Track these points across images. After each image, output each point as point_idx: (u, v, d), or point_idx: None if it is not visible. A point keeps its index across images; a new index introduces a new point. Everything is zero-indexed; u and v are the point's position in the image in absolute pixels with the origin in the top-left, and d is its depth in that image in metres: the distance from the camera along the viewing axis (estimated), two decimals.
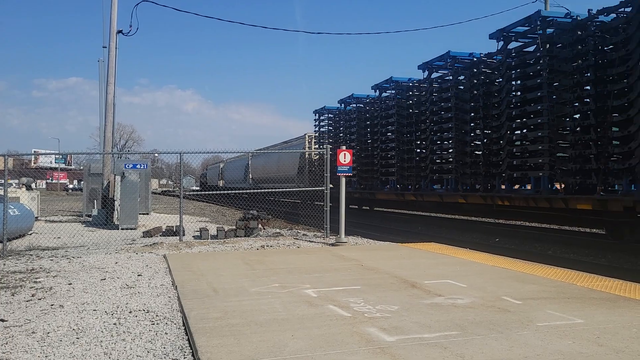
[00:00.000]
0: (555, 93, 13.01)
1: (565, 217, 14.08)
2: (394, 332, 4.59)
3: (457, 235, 16.11)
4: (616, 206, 11.38)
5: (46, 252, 10.63)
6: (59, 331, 4.93)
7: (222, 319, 5.09)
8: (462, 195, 16.66)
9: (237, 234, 13.18)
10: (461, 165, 16.59)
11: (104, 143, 18.83)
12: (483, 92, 15.58)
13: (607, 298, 5.85)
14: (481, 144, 15.85)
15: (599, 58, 12.03)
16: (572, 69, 12.46)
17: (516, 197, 14.35)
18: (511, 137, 14.22)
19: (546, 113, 12.95)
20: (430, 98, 18.10)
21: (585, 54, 12.22)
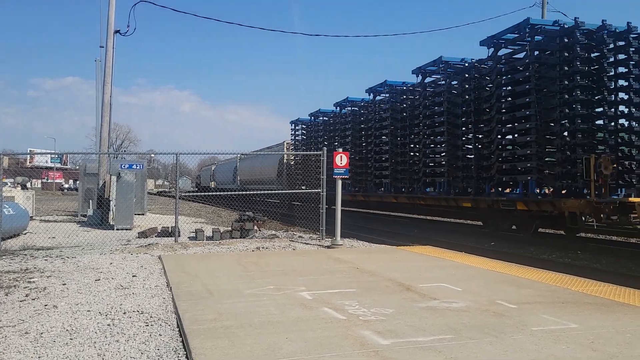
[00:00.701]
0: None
1: (455, 212, 18.60)
2: (389, 336, 4.58)
3: (453, 238, 16.11)
4: (483, 204, 15.84)
5: (40, 252, 10.59)
6: (52, 332, 4.91)
7: (217, 321, 5.08)
8: (394, 196, 20.65)
9: (233, 235, 13.15)
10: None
11: (100, 143, 18.78)
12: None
13: (602, 303, 5.86)
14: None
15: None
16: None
17: (427, 197, 18.83)
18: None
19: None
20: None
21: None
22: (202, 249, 10.88)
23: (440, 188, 18.04)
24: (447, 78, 17.60)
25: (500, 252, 12.85)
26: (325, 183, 12.70)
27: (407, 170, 19.74)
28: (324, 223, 12.58)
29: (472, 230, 17.97)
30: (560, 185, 12.89)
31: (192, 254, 10.16)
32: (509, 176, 14.68)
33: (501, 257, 10.43)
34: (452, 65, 17.47)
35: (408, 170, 19.68)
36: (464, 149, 16.79)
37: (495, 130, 14.63)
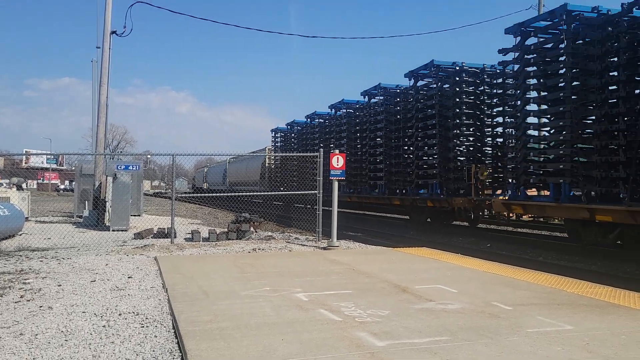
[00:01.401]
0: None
1: (389, 208, 23.09)
2: (385, 337, 4.59)
3: (449, 240, 16.14)
4: (407, 202, 19.95)
5: (36, 253, 10.55)
6: (47, 333, 4.89)
7: (213, 322, 5.07)
8: (348, 195, 24.13)
9: (229, 236, 13.14)
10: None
11: (96, 144, 18.75)
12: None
13: (597, 305, 5.88)
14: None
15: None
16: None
17: (370, 197, 22.71)
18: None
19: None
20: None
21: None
22: (198, 250, 10.86)
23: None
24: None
25: (496, 253, 12.88)
26: (321, 184, 12.70)
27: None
28: (320, 224, 12.59)
29: (468, 232, 18.00)
30: (454, 187, 16.39)
31: (188, 255, 10.15)
32: (423, 180, 18.81)
33: (497, 259, 10.46)
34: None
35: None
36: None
37: (414, 145, 18.36)
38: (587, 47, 12.21)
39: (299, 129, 31.55)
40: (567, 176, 12.46)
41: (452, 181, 17.37)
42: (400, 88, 20.78)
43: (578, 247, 13.16)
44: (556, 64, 13.27)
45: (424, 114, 18.72)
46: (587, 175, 11.96)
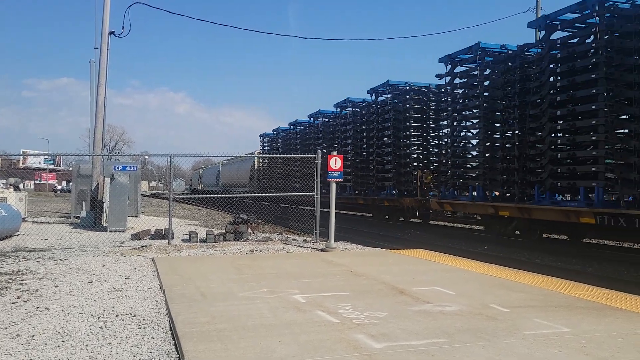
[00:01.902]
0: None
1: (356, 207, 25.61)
2: (382, 339, 4.59)
3: (446, 242, 16.15)
4: (370, 201, 23.05)
5: (33, 254, 10.53)
6: (44, 334, 4.88)
7: (210, 324, 5.06)
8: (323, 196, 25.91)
9: (227, 237, 13.13)
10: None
11: (93, 144, 18.72)
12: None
13: (594, 307, 5.89)
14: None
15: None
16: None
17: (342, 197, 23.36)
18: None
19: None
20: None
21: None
22: (195, 252, 10.85)
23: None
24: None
25: (493, 255, 12.90)
26: (319, 186, 12.71)
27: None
28: (318, 226, 12.59)
29: (466, 234, 18.02)
30: (405, 189, 18.53)
31: (186, 257, 10.14)
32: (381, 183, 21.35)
33: (494, 261, 10.48)
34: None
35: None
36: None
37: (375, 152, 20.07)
38: None
39: (283, 134, 33.99)
40: (481, 180, 15.43)
41: (403, 184, 20.67)
42: (366, 102, 22.76)
43: (573, 250, 13.20)
44: (473, 89, 16.07)
45: (382, 125, 21.64)
46: (493, 179, 15.04)
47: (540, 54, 13.61)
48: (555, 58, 13.20)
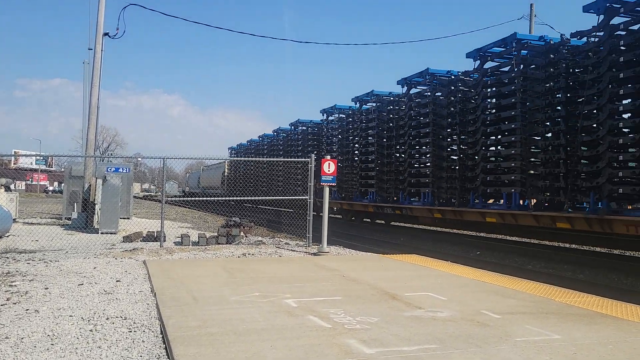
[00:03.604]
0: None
1: None
2: (374, 345, 4.58)
3: (439, 247, 16.20)
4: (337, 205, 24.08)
5: (23, 255, 10.45)
6: (33, 337, 4.84)
7: (201, 328, 5.04)
8: None
9: (219, 241, 13.09)
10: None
11: (86, 145, 18.63)
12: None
13: (585, 314, 5.91)
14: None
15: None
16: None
17: None
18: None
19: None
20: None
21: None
22: (187, 255, 10.81)
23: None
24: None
25: (486, 261, 12.95)
26: (312, 190, 12.70)
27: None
28: (311, 230, 12.58)
29: (459, 240, 18.07)
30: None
31: (178, 260, 10.09)
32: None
33: (486, 267, 10.51)
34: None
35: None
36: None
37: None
38: None
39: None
40: (430, 187, 17.31)
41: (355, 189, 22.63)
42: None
43: (565, 257, 13.27)
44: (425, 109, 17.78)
45: (365, 133, 22.07)
46: (440, 187, 17.02)
47: (476, 80, 15.57)
48: (487, 84, 15.10)
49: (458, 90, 16.51)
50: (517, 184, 13.54)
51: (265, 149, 35.46)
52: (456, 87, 16.63)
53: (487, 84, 15.08)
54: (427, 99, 17.97)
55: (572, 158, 12.22)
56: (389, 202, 20.22)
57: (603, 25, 11.61)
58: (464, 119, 16.10)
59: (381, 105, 21.46)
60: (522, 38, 13.94)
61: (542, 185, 12.87)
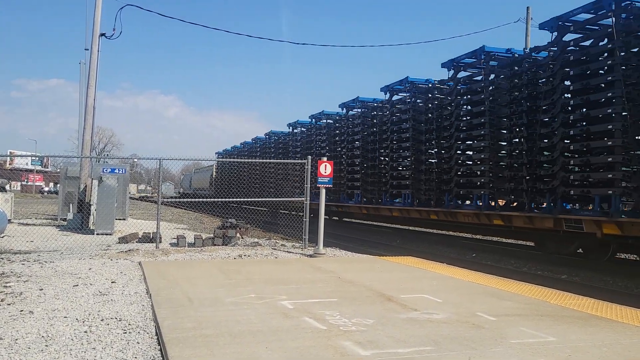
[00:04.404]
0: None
1: None
2: (369, 346, 4.58)
3: (435, 249, 16.22)
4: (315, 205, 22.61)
5: (18, 256, 10.41)
6: (27, 338, 4.82)
7: (196, 329, 5.03)
8: None
9: (215, 242, 13.06)
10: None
11: (82, 146, 18.57)
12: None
13: (580, 317, 5.93)
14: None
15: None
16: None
17: None
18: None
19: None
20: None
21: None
22: (183, 256, 10.79)
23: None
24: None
25: (481, 264, 12.97)
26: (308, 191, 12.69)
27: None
28: (307, 232, 12.57)
29: (455, 242, 18.09)
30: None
31: (173, 261, 10.07)
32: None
33: (482, 269, 10.53)
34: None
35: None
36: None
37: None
38: None
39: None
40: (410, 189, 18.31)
41: None
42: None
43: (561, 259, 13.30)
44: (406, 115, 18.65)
45: (352, 138, 22.82)
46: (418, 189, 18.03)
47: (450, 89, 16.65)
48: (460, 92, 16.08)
49: (435, 97, 17.71)
50: (486, 186, 14.56)
51: (257, 151, 36.65)
52: (433, 95, 17.83)
53: (461, 93, 15.94)
54: (407, 106, 18.81)
55: (532, 163, 13.19)
56: (373, 204, 20.97)
57: (556, 41, 12.61)
58: (440, 125, 17.10)
59: (366, 111, 22.06)
60: (490, 50, 14.80)
61: (508, 187, 14.00)
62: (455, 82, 16.20)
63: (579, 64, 12.08)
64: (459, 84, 16.17)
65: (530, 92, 13.38)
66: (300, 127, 29.39)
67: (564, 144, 12.32)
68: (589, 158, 11.84)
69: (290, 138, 30.59)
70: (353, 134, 22.74)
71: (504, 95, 14.23)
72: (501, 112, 14.28)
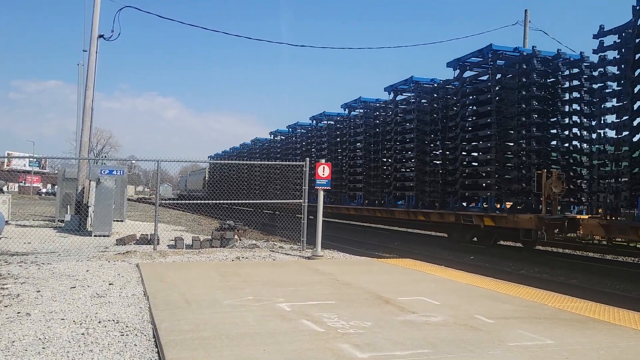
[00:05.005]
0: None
1: None
2: (367, 349, 4.58)
3: (433, 251, 16.22)
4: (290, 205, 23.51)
5: (15, 258, 10.38)
6: (24, 340, 4.80)
7: (194, 332, 5.02)
8: None
9: (213, 244, 13.04)
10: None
11: (80, 148, 18.55)
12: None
13: (577, 319, 5.93)
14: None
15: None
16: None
17: None
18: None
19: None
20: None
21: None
22: (181, 258, 10.77)
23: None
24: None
25: (479, 266, 12.97)
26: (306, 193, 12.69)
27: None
28: (305, 234, 12.56)
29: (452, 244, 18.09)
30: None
31: (171, 263, 10.06)
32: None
33: (480, 271, 10.53)
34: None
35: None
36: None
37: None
38: None
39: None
40: (363, 191, 21.34)
41: None
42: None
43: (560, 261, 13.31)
44: None
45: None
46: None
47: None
48: None
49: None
50: (413, 189, 17.75)
51: (245, 155, 38.32)
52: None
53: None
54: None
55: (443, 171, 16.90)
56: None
57: (458, 77, 16.20)
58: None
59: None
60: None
61: (428, 190, 17.58)
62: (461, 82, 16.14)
63: (473, 94, 15.68)
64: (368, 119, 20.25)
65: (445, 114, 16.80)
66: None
67: (462, 156, 15.74)
68: (477, 168, 15.47)
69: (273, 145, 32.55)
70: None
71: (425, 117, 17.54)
72: (425, 129, 17.69)
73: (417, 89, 18.37)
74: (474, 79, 15.96)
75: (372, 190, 20.85)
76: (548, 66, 14.27)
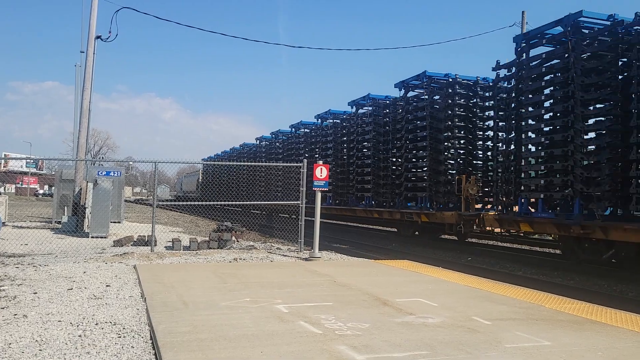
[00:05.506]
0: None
1: None
2: (364, 351, 4.58)
3: (430, 253, 16.23)
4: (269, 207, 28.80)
5: (12, 259, 10.36)
6: (21, 342, 4.79)
7: (191, 334, 5.01)
8: None
9: (210, 245, 13.03)
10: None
11: (77, 149, 18.52)
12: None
13: (574, 321, 5.94)
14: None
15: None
16: None
17: None
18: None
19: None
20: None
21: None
22: (178, 259, 10.76)
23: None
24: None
25: (477, 267, 12.97)
26: (304, 195, 12.69)
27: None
28: (303, 235, 12.55)
29: (450, 246, 18.11)
30: None
31: (168, 264, 10.04)
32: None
33: (477, 273, 10.52)
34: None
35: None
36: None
37: None
38: None
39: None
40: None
41: None
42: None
43: (555, 263, 13.34)
44: None
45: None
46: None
47: None
48: None
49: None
50: (370, 191, 20.98)
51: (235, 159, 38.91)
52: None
53: None
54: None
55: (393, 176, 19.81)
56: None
57: (403, 97, 19.42)
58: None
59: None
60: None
61: (382, 192, 20.47)
62: (405, 101, 19.15)
63: (413, 112, 18.69)
64: None
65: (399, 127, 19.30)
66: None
67: (406, 164, 18.79)
68: (416, 173, 18.71)
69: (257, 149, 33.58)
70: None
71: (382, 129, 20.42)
72: (380, 139, 20.54)
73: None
74: (414, 99, 18.92)
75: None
76: (470, 89, 17.70)
